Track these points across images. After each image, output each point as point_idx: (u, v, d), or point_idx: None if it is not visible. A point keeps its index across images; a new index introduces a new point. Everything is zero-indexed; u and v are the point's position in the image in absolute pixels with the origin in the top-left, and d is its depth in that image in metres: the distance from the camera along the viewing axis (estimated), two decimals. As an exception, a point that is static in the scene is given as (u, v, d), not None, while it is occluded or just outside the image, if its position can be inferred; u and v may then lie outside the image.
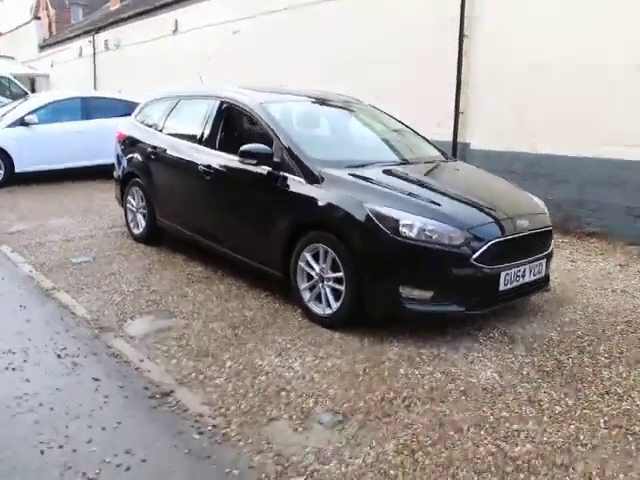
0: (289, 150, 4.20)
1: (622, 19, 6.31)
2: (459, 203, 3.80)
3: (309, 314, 4.03)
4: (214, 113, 5.00)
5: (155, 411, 2.93)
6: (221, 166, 4.70)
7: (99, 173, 9.89)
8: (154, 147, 5.57)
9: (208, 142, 4.95)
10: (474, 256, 3.50)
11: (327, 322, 3.89)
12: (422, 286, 3.55)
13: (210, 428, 2.78)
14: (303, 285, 4.05)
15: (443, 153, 4.98)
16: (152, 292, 4.63)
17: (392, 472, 2.46)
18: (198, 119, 5.18)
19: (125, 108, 10.63)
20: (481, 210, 3.77)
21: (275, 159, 4.21)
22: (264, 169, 4.29)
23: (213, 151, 4.83)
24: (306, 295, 4.04)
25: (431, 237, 3.50)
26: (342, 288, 3.75)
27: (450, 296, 3.56)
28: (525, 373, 3.31)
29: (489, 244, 3.53)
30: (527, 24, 7.29)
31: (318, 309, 3.96)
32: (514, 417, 2.86)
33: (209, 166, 4.79)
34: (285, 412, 2.92)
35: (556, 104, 7.06)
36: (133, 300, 4.45)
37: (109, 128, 9.90)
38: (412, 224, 3.51)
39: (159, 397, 3.06)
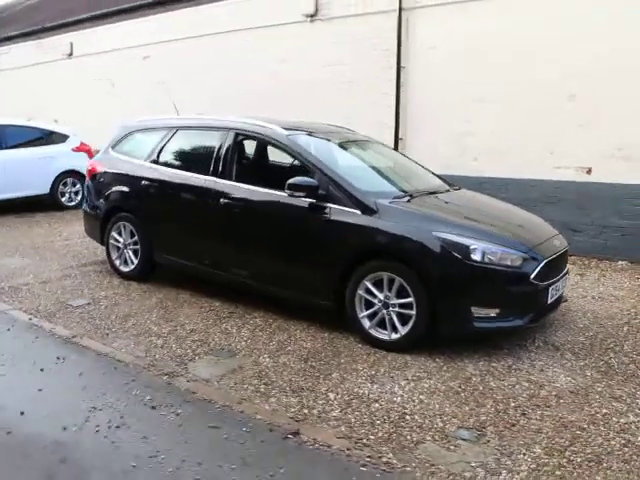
0: (335, 182, 4.34)
1: (555, 51, 7.28)
2: (505, 227, 4.23)
3: (369, 340, 4.18)
4: (229, 144, 4.97)
5: (302, 451, 2.92)
6: (250, 199, 4.70)
7: (20, 206, 9.14)
8: (152, 180, 5.37)
9: (225, 174, 4.91)
10: (532, 275, 3.93)
11: (393, 346, 4.07)
12: (490, 305, 3.90)
13: (367, 460, 2.85)
14: (362, 313, 4.20)
15: (445, 181, 5.41)
16: (190, 331, 4.46)
17: (558, 472, 2.75)
18: (208, 151, 5.13)
19: (38, 135, 9.96)
20: (525, 233, 4.23)
21: (320, 191, 4.34)
22: (304, 201, 4.39)
23: (237, 184, 4.80)
24: (366, 323, 4.20)
25: (494, 260, 3.87)
26: (412, 312, 3.97)
27: (512, 312, 3.95)
28: (589, 375, 3.78)
29: (543, 263, 3.99)
30: (463, 57, 8.07)
31: (382, 335, 4.14)
32: (613, 412, 3.29)
33: (234, 199, 4.75)
34: (424, 434, 3.08)
35: (495, 131, 7.89)
36: (177, 341, 4.27)
37: (28, 157, 9.28)
38: (479, 249, 3.86)
39: (292, 437, 3.05)
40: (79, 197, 10.05)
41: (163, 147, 5.50)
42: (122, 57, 12.53)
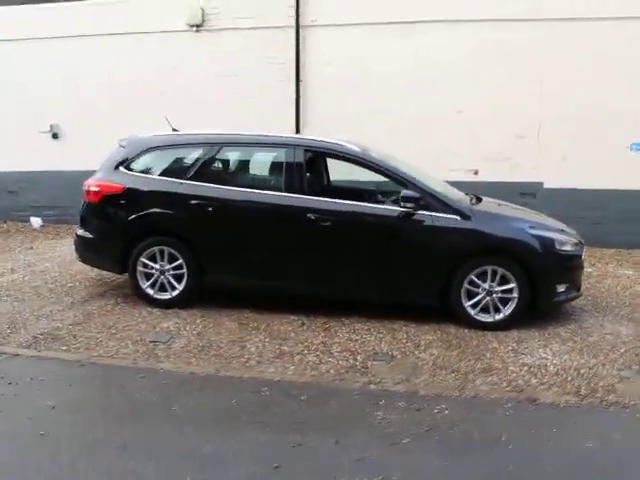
0: (430, 193, 4.98)
1: (438, 73, 8.84)
2: (551, 222, 5.43)
3: (474, 324, 4.95)
4: (300, 161, 5.11)
5: (565, 411, 3.62)
6: (348, 213, 5.01)
7: None
8: (206, 199, 5.10)
9: (303, 190, 5.06)
10: (582, 255, 5.23)
11: (497, 326, 4.93)
12: (563, 281, 5.07)
13: (610, 403, 3.72)
14: (467, 303, 4.95)
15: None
16: (322, 344, 4.60)
17: None
18: (275, 167, 5.27)
19: None
20: (560, 224, 5.50)
21: (421, 202, 4.91)
22: (397, 210, 4.93)
23: (328, 199, 5.03)
24: (470, 310, 4.96)
25: (566, 247, 5.05)
26: (513, 296, 4.89)
27: (573, 285, 5.19)
28: (626, 323, 5.22)
29: (584, 246, 5.32)
30: (359, 72, 9.09)
31: (485, 318, 4.96)
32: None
33: (327, 214, 4.96)
34: (609, 379, 4.03)
35: (393, 141, 9.00)
36: (326, 355, 4.40)
37: None
38: (559, 239, 5.01)
39: (539, 402, 3.72)
40: None
41: (208, 164, 5.25)
42: None
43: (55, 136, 9.99)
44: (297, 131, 9.52)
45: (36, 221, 9.58)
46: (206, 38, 9.76)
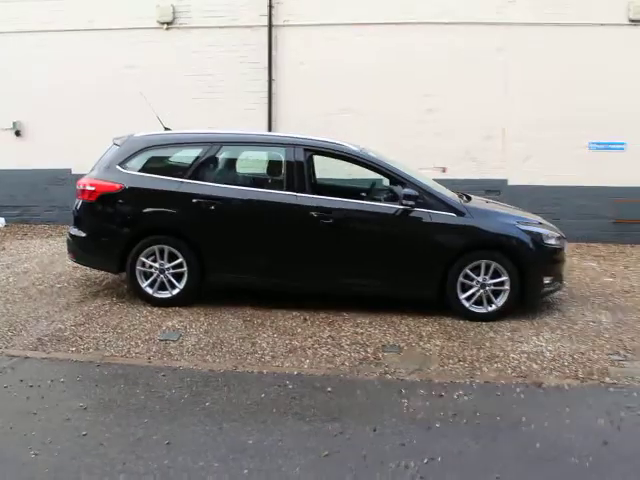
0: (427, 191, 5.20)
1: (414, 72, 9.17)
2: (532, 217, 5.75)
3: (469, 316, 5.21)
4: (300, 160, 5.21)
5: (567, 393, 3.91)
6: (352, 211, 5.16)
7: None
8: (208, 198, 5.12)
9: (305, 189, 5.16)
10: (565, 249, 5.58)
11: (490, 317, 5.21)
12: (548, 274, 5.39)
13: (604, 384, 4.04)
14: (462, 295, 5.21)
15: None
16: (330, 337, 4.73)
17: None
18: (275, 166, 5.34)
19: None
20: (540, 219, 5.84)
21: (419, 200, 5.12)
22: (396, 208, 5.13)
23: (331, 198, 5.15)
24: (465, 303, 5.21)
25: (552, 241, 5.37)
26: (505, 288, 5.18)
27: (557, 278, 5.52)
28: (603, 312, 5.61)
29: (565, 239, 5.67)
30: (331, 72, 9.30)
31: (479, 309, 5.23)
32: (650, 328, 5.20)
33: (327, 211, 5.09)
34: (601, 363, 4.35)
35: (362, 139, 9.27)
36: (336, 348, 4.54)
37: None
38: (548, 235, 5.34)
39: (544, 385, 3.99)
40: None
41: (208, 163, 5.27)
42: None
43: (18, 133, 9.63)
44: (269, 130, 9.58)
45: (0, 221, 9.20)
46: (177, 36, 9.65)
